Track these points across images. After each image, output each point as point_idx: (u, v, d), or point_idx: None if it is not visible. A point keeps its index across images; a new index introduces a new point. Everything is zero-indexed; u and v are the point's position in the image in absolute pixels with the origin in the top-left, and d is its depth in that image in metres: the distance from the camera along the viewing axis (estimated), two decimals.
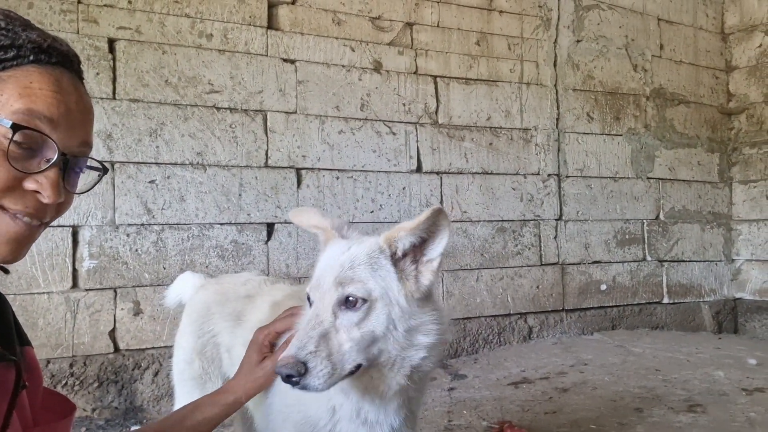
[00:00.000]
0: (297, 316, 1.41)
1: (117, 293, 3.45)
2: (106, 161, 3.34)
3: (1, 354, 0.96)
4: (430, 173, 4.42)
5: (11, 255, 0.97)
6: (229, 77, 3.78)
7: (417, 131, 4.39)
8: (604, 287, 5.07)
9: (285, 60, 3.97)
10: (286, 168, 3.94)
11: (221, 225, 3.73)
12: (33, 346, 1.13)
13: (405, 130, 4.35)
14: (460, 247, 4.49)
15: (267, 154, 3.88)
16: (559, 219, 4.93)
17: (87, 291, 3.38)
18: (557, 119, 4.96)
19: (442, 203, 4.44)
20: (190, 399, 1.88)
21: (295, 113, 3.98)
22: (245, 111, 3.83)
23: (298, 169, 3.98)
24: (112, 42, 3.50)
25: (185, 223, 3.63)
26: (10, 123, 0.90)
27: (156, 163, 3.57)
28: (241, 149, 3.80)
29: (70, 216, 3.30)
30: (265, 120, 3.88)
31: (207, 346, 1.92)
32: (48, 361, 3.24)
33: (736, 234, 5.76)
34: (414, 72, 4.40)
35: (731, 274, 5.76)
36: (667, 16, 5.55)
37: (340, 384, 1.29)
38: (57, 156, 0.95)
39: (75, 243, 3.37)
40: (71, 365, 3.31)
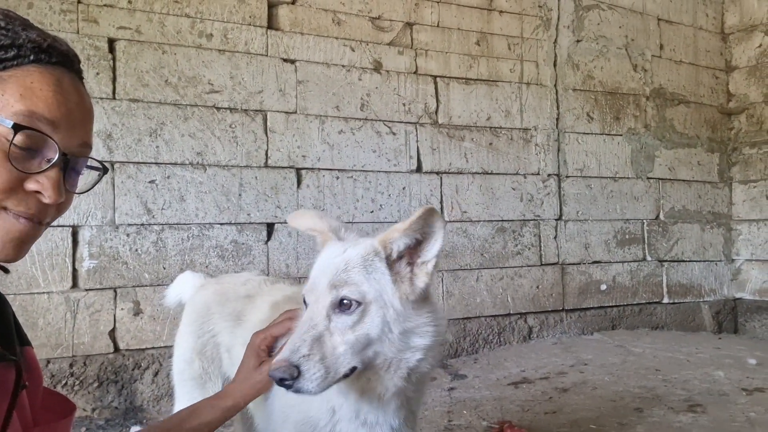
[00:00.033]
0: (294, 319, 1.41)
1: (117, 293, 3.45)
2: (106, 161, 3.34)
3: (2, 354, 0.96)
4: (430, 173, 4.42)
5: (14, 254, 0.97)
6: (229, 77, 3.78)
7: (417, 131, 4.39)
8: (604, 287, 5.07)
9: (285, 60, 3.97)
10: (286, 168, 3.94)
11: (221, 225, 3.73)
12: (33, 346, 1.13)
13: (405, 130, 4.35)
14: (460, 247, 4.49)
15: (267, 154, 3.88)
16: (559, 219, 4.93)
17: (87, 291, 3.38)
18: (557, 119, 4.96)
19: (442, 203, 4.45)
20: (190, 399, 1.88)
21: (295, 113, 3.98)
22: (245, 111, 3.83)
23: (298, 169, 3.98)
24: (112, 42, 3.50)
25: (185, 223, 3.63)
26: (11, 123, 0.90)
27: (156, 163, 3.57)
28: (241, 149, 3.80)
29: (70, 216, 3.30)
30: (265, 120, 3.88)
31: (207, 345, 1.92)
32: (48, 361, 3.24)
33: (736, 234, 5.76)
34: (414, 72, 4.40)
35: (731, 274, 5.76)
36: (667, 16, 5.55)
37: (338, 385, 1.29)
38: (58, 156, 0.95)
39: (75, 243, 3.37)
40: (71, 365, 3.31)
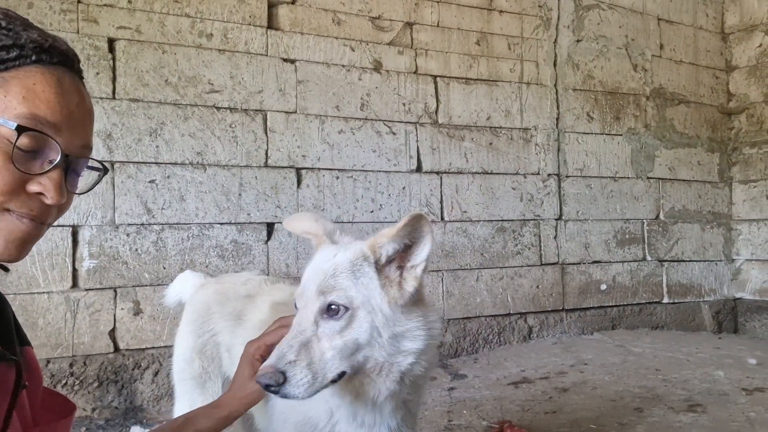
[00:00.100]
0: (287, 327, 1.41)
1: (117, 293, 3.45)
2: (106, 161, 3.34)
3: (2, 354, 0.96)
4: (430, 173, 4.42)
5: (17, 254, 0.98)
6: (229, 77, 3.78)
7: (417, 131, 4.39)
8: (604, 287, 5.07)
9: (285, 60, 3.96)
10: (286, 168, 3.94)
11: (221, 225, 3.73)
12: (33, 345, 1.13)
13: (405, 129, 4.34)
14: (460, 247, 4.49)
15: (267, 153, 3.88)
16: (559, 219, 4.93)
17: (87, 291, 3.38)
18: (557, 119, 4.96)
19: (442, 203, 4.45)
20: (189, 398, 1.89)
21: (295, 113, 3.98)
22: (245, 111, 3.82)
23: (298, 169, 3.98)
24: (112, 42, 3.50)
25: (185, 223, 3.63)
26: (15, 125, 0.90)
27: (156, 163, 3.57)
28: (241, 149, 3.80)
29: (70, 216, 3.30)
30: (265, 120, 3.88)
31: (207, 345, 1.92)
32: (48, 361, 3.24)
33: (736, 234, 5.76)
34: (414, 72, 4.40)
35: (731, 273, 5.76)
36: (667, 15, 5.55)
37: (334, 388, 1.30)
38: (60, 157, 0.95)
39: (75, 243, 3.37)
40: (71, 365, 3.31)
